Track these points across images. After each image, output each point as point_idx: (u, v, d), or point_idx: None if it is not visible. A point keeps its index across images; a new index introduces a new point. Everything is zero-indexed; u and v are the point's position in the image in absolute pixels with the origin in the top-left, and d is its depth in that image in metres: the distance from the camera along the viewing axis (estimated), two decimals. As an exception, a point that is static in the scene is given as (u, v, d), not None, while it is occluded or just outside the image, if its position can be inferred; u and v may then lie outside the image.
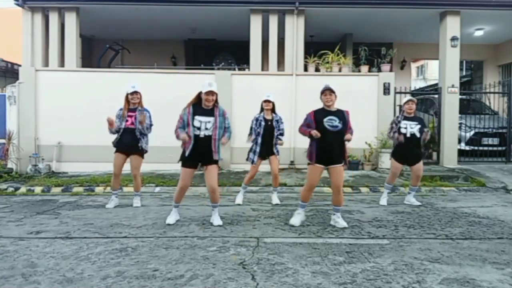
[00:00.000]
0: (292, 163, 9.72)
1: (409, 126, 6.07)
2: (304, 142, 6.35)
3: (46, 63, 9.98)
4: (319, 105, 5.01)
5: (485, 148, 10.24)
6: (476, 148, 10.25)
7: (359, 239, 4.46)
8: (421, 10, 10.02)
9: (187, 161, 4.88)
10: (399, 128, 6.13)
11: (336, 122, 4.76)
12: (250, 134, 6.25)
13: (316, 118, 4.82)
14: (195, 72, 10.71)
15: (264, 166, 8.03)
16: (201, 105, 4.83)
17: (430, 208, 6.09)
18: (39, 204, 6.53)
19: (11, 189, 7.83)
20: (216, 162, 4.94)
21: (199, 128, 4.77)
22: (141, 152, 6.05)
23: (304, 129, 4.90)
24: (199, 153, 4.82)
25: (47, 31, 9.98)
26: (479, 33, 11.97)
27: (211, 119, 4.79)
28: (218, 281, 3.25)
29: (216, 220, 5.04)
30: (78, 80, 9.70)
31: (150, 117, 6.05)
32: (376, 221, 5.29)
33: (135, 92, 5.93)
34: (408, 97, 6.40)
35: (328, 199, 6.70)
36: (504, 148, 10.22)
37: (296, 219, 5.01)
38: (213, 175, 4.91)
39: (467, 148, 10.26)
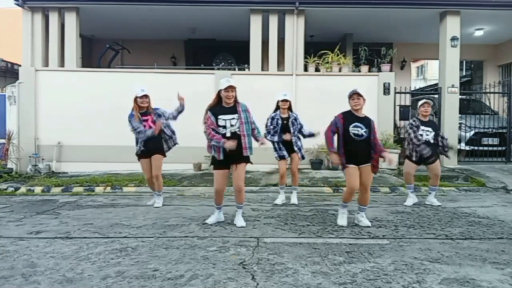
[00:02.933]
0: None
1: (425, 134, 6.03)
2: (305, 143, 6.39)
3: (46, 63, 9.98)
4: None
5: (485, 148, 10.25)
6: (476, 148, 10.25)
7: (359, 239, 4.46)
8: (421, 10, 10.02)
9: (219, 162, 4.81)
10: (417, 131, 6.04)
11: (362, 130, 4.75)
12: (269, 133, 6.20)
13: (345, 123, 4.80)
14: (195, 72, 10.71)
15: (265, 166, 8.03)
16: (221, 105, 4.79)
17: (430, 208, 6.09)
18: (39, 204, 6.53)
19: (11, 189, 7.83)
20: (246, 160, 4.87)
21: (224, 127, 4.73)
22: (163, 152, 6.08)
23: (331, 140, 4.85)
24: (229, 153, 4.73)
25: (47, 31, 9.98)
26: (479, 33, 11.96)
27: (235, 115, 4.74)
28: (218, 281, 3.25)
29: (239, 221, 4.97)
30: (78, 80, 9.70)
31: (164, 112, 6.04)
32: (376, 221, 5.29)
33: (145, 96, 5.88)
34: (424, 99, 6.28)
35: (328, 199, 6.72)
36: (504, 148, 10.23)
37: (343, 220, 5.03)
38: (241, 174, 4.85)
39: (467, 148, 10.26)
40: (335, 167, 9.18)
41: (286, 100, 6.16)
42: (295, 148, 6.19)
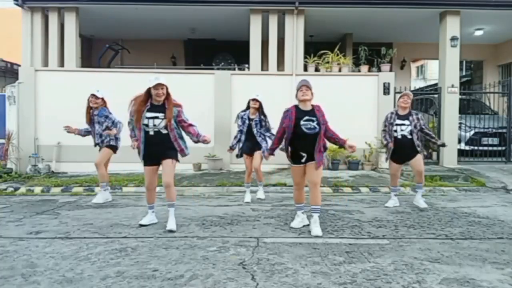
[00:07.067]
0: (292, 163, 9.70)
1: (399, 128, 5.86)
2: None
3: (45, 63, 9.97)
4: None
5: (485, 148, 10.25)
6: (476, 148, 10.25)
7: (359, 239, 4.46)
8: (421, 10, 10.02)
9: (145, 159, 4.91)
10: (390, 130, 5.93)
11: (314, 123, 4.54)
12: (235, 137, 6.41)
13: (296, 117, 4.57)
14: (194, 72, 10.70)
15: (264, 166, 8.01)
16: (151, 102, 4.74)
17: (430, 208, 6.08)
18: (39, 204, 6.53)
19: (10, 189, 7.82)
20: (172, 157, 4.87)
21: (147, 125, 4.74)
22: (109, 145, 6.54)
23: (277, 139, 4.83)
24: (153, 150, 4.87)
25: (47, 31, 9.98)
26: (479, 33, 11.97)
27: (160, 115, 4.67)
28: (218, 281, 3.25)
29: (169, 224, 4.73)
30: (77, 80, 9.68)
31: (110, 119, 6.60)
32: (376, 221, 5.29)
33: (94, 96, 6.61)
34: (404, 92, 6.16)
35: (328, 199, 6.72)
36: (504, 148, 10.23)
37: (296, 223, 4.94)
38: (168, 170, 4.83)
39: (467, 148, 10.26)
40: (335, 168, 9.20)
41: (256, 100, 6.18)
42: (262, 145, 6.25)
